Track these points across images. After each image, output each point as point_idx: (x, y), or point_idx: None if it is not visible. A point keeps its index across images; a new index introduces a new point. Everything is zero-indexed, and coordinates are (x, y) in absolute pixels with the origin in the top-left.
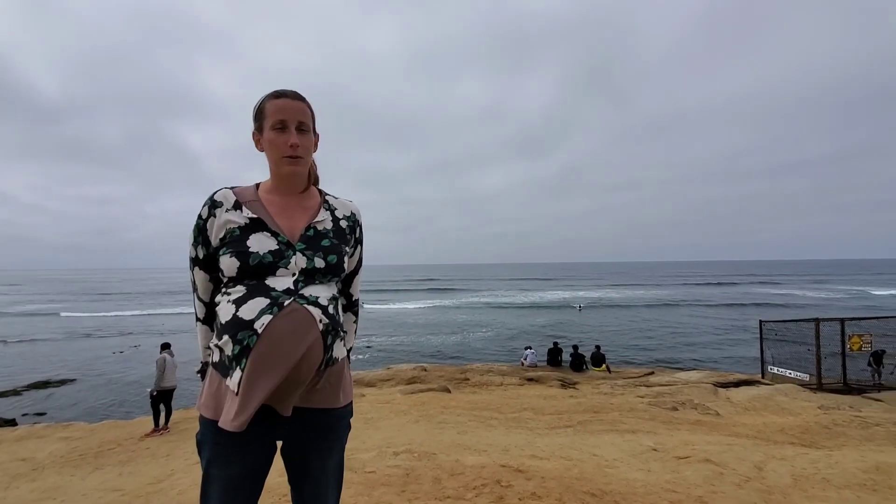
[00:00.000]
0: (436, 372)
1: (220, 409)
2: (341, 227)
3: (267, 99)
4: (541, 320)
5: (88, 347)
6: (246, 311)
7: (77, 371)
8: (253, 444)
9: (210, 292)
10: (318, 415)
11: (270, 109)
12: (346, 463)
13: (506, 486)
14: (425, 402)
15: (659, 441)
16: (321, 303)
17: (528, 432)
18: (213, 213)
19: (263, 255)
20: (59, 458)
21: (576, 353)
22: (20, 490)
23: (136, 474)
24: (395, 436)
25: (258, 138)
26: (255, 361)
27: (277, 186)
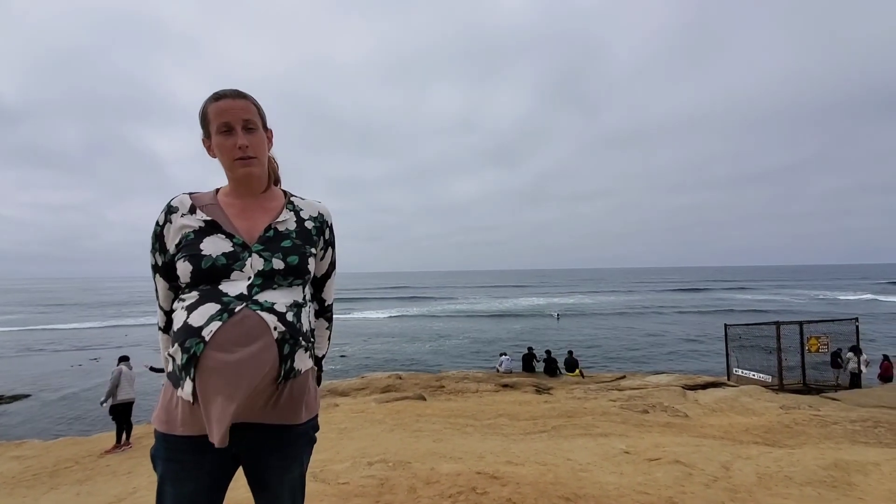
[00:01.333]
0: (411, 380)
1: (172, 421)
2: (306, 227)
3: (208, 102)
4: (516, 327)
5: (44, 361)
6: (196, 318)
7: (31, 386)
8: (207, 459)
9: (170, 300)
10: (277, 431)
11: (213, 113)
12: (319, 475)
13: (481, 493)
14: (400, 411)
15: (631, 444)
16: (277, 309)
17: (504, 438)
18: (169, 219)
19: (216, 257)
20: (10, 478)
21: (549, 357)
22: None
23: (95, 494)
24: (370, 445)
25: (208, 144)
26: (205, 371)
27: (235, 189)
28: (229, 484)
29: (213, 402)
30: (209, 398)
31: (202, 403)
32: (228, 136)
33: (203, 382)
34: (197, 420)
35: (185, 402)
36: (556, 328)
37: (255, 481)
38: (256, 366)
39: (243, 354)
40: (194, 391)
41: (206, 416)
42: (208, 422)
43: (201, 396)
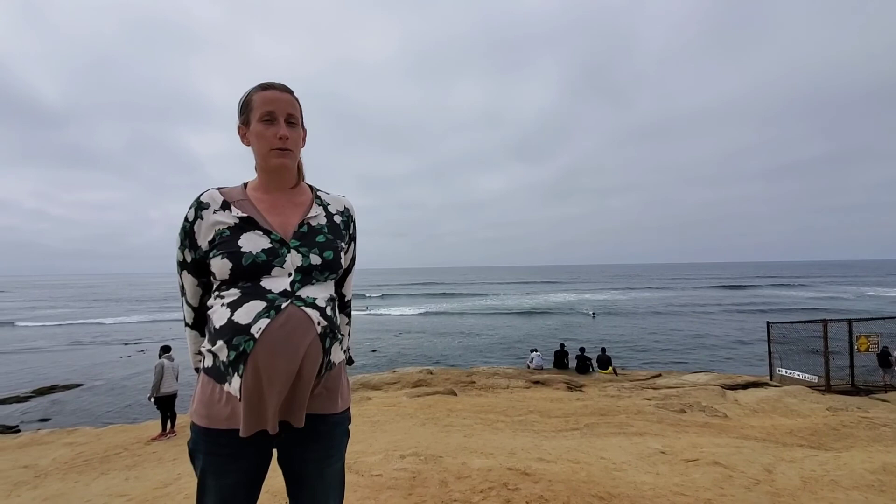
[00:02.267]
0: (441, 375)
1: (215, 416)
2: (335, 222)
3: (254, 91)
4: (548, 323)
5: (94, 353)
6: (242, 315)
7: (83, 376)
8: (247, 453)
9: (199, 297)
10: (315, 421)
11: (258, 101)
12: (353, 466)
13: (513, 489)
14: (431, 406)
15: (667, 444)
16: (319, 304)
17: (535, 435)
18: (199, 216)
19: (257, 254)
20: (63, 464)
21: (582, 355)
22: (21, 498)
23: (143, 479)
24: (402, 439)
25: (244, 132)
26: (255, 367)
27: (265, 183)
28: (266, 475)
29: (266, 396)
30: (260, 393)
31: (252, 398)
32: (270, 126)
33: (254, 378)
34: (239, 414)
35: (231, 396)
36: (588, 325)
37: (292, 476)
38: (305, 360)
39: (293, 349)
40: (241, 387)
41: (251, 412)
42: (259, 416)
43: (252, 391)
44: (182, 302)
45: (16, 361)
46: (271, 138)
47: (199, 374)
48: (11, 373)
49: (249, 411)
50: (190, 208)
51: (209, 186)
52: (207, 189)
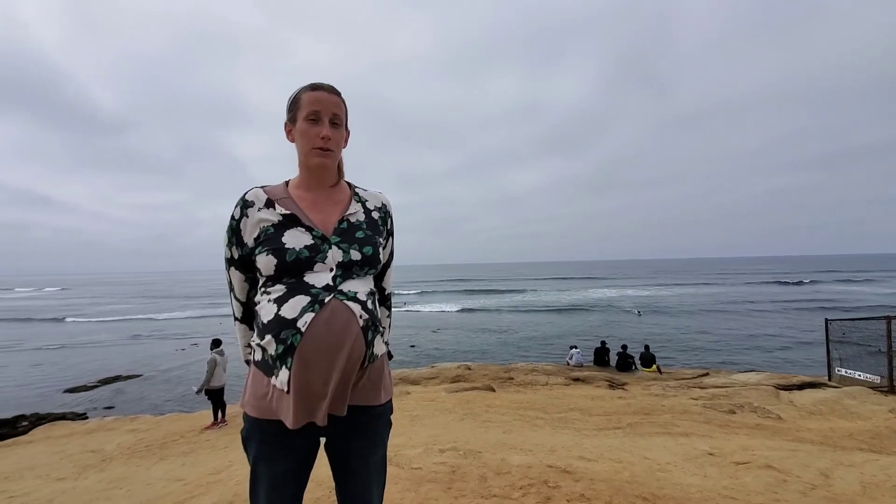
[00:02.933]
0: (480, 371)
1: (264, 407)
2: (373, 218)
3: (303, 90)
4: (588, 319)
5: (152, 346)
6: (288, 310)
7: (143, 367)
8: (296, 442)
9: (246, 292)
10: (359, 412)
11: (306, 101)
12: (393, 459)
13: (553, 486)
14: (470, 401)
15: (715, 445)
16: (360, 298)
17: (576, 433)
18: (245, 214)
19: (300, 250)
20: (126, 449)
21: (623, 353)
22: (89, 480)
23: (198, 465)
24: (441, 433)
25: (290, 129)
26: (303, 360)
27: (306, 181)
28: (314, 463)
29: (313, 388)
30: (309, 385)
31: (300, 390)
32: (314, 125)
33: (302, 370)
34: (290, 405)
35: (278, 389)
36: (630, 322)
37: (339, 464)
38: (349, 352)
39: (337, 342)
40: (290, 379)
41: (301, 403)
42: (308, 407)
43: (300, 383)
44: (230, 297)
45: (83, 354)
46: (314, 137)
47: (249, 366)
48: (79, 364)
49: (298, 403)
50: (236, 207)
51: (253, 185)
52: (252, 188)
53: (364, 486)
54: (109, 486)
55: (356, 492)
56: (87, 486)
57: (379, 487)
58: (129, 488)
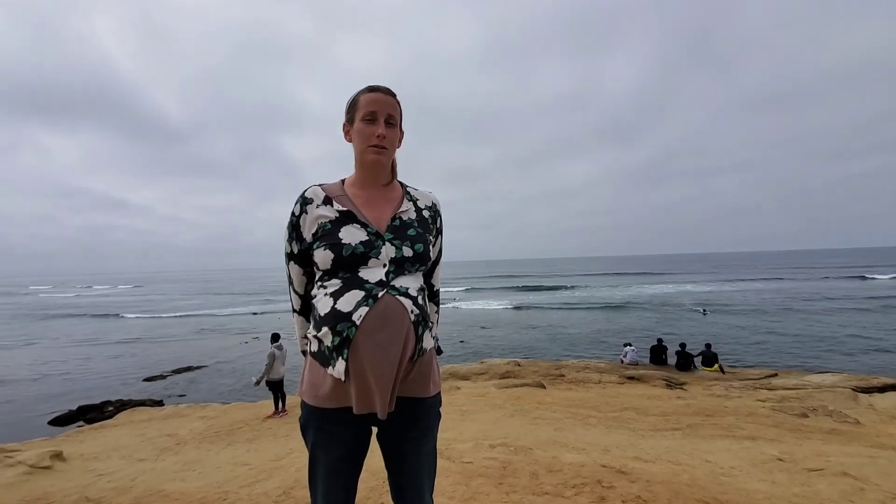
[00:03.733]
0: (530, 367)
1: (321, 396)
2: (424, 216)
3: (362, 92)
4: (645, 316)
5: (218, 340)
6: (343, 304)
7: (211, 359)
8: (350, 430)
9: (304, 285)
10: (411, 404)
11: (363, 102)
12: (444, 452)
13: (607, 486)
14: (520, 397)
15: (785, 450)
16: (411, 293)
17: (631, 433)
18: (304, 210)
19: (355, 245)
20: (197, 434)
21: (683, 351)
22: (166, 462)
23: (261, 451)
24: (491, 429)
25: (348, 129)
26: (358, 351)
27: (362, 179)
28: (367, 451)
29: (368, 379)
30: (364, 376)
31: (355, 380)
32: (370, 125)
33: (357, 362)
34: (344, 395)
35: (334, 379)
36: (689, 319)
37: (391, 454)
38: (400, 346)
39: (389, 336)
40: (346, 370)
41: (360, 392)
42: (366, 397)
43: (355, 374)
44: (289, 290)
45: (157, 346)
46: (370, 136)
47: (306, 356)
48: (155, 355)
49: (357, 393)
50: (296, 203)
51: (311, 183)
52: (310, 185)
53: (415, 474)
54: (184, 467)
55: (408, 480)
56: (165, 467)
57: (430, 477)
58: (201, 470)
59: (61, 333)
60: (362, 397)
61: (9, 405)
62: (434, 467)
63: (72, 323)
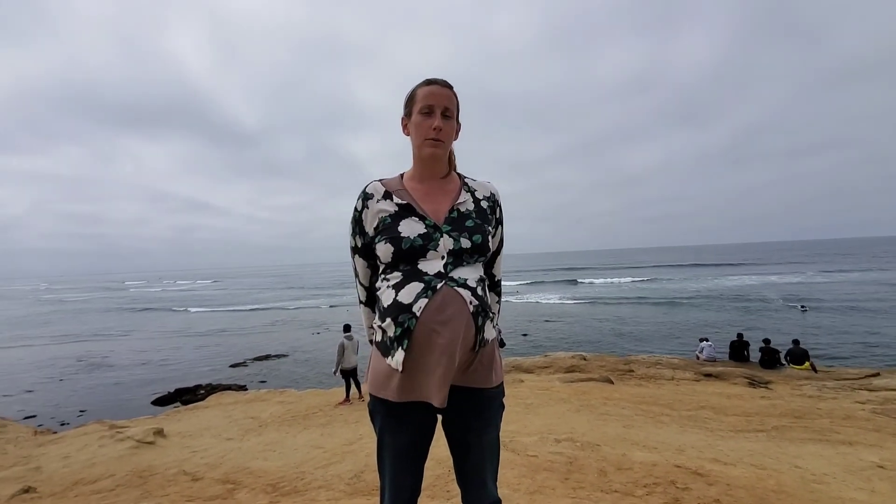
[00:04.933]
0: (596, 362)
1: (384, 385)
2: (482, 207)
3: (419, 86)
4: (723, 310)
5: (293, 331)
6: (404, 296)
7: (288, 348)
8: (414, 417)
9: (369, 277)
10: (474, 393)
11: (420, 95)
12: (508, 445)
13: (682, 488)
14: (586, 392)
15: (887, 457)
16: (470, 284)
17: (708, 433)
18: (366, 205)
19: (414, 238)
20: (277, 417)
21: (767, 347)
22: (250, 442)
23: (334, 436)
24: (556, 423)
25: (406, 123)
26: (417, 342)
27: (420, 172)
28: (433, 438)
29: (428, 369)
30: (423, 366)
31: (415, 370)
32: (427, 118)
33: (417, 352)
34: (405, 384)
35: (393, 368)
36: (775, 312)
37: (455, 442)
38: (459, 336)
39: (448, 326)
40: (405, 360)
41: (420, 382)
42: (425, 386)
43: (415, 365)
44: (356, 282)
45: (240, 336)
46: (427, 129)
47: (372, 346)
48: (239, 344)
49: (412, 382)
50: (358, 199)
51: (371, 179)
52: (371, 181)
53: (478, 463)
54: (266, 448)
55: (471, 468)
56: (249, 447)
57: (493, 467)
58: (280, 451)
59: (154, 324)
60: (419, 387)
61: (118, 387)
62: (497, 457)
63: (160, 315)
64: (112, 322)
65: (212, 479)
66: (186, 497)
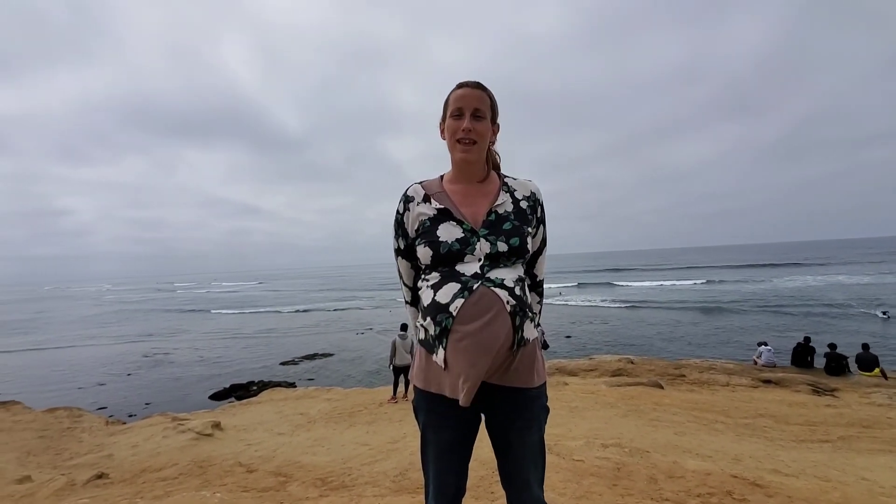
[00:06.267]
0: (644, 365)
1: (428, 380)
2: (522, 207)
3: (452, 90)
4: (782, 313)
5: (337, 331)
6: (442, 296)
7: (334, 348)
8: (457, 414)
9: (413, 278)
10: (515, 393)
11: (452, 98)
12: (553, 449)
13: (739, 499)
14: (634, 397)
15: None
16: (507, 284)
17: (768, 443)
18: (407, 208)
19: (451, 243)
20: (324, 414)
21: (833, 353)
22: (300, 437)
23: (378, 433)
24: (603, 428)
25: (442, 128)
26: (454, 341)
27: (457, 175)
28: (476, 436)
29: (461, 368)
30: (457, 365)
31: (451, 369)
32: (457, 120)
33: (452, 351)
34: (447, 381)
35: (438, 365)
36: (849, 318)
37: (498, 442)
38: (496, 335)
39: (484, 326)
40: (445, 358)
41: (454, 380)
42: (457, 385)
43: (451, 362)
44: (400, 283)
45: (288, 336)
46: (456, 131)
47: (417, 344)
48: (288, 344)
49: (451, 380)
50: (399, 202)
51: (411, 182)
52: (412, 184)
53: (520, 464)
54: (314, 443)
55: (514, 469)
56: (299, 442)
57: (537, 469)
58: (328, 447)
59: (207, 325)
60: (455, 384)
61: (178, 382)
62: (542, 460)
63: (211, 316)
64: (168, 322)
65: (265, 472)
66: (242, 487)
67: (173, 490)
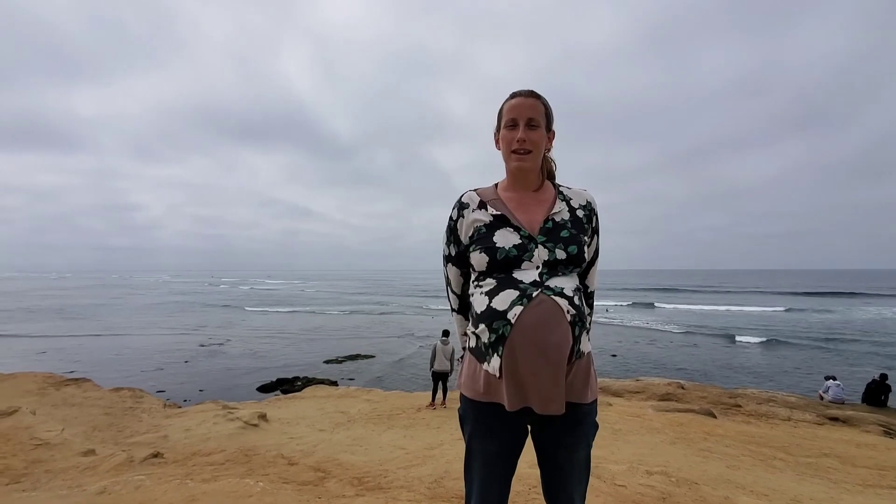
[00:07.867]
0: (696, 391)
1: (478, 389)
2: (578, 216)
3: (506, 100)
4: (852, 345)
5: (381, 335)
6: (498, 303)
7: (376, 350)
8: (505, 426)
9: (461, 286)
10: (568, 408)
11: (506, 108)
12: (594, 471)
13: None
14: (683, 424)
15: None
16: (567, 294)
17: (831, 485)
18: (461, 215)
19: (509, 249)
20: (364, 414)
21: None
22: (339, 435)
23: (416, 438)
24: (648, 454)
25: (497, 138)
26: (512, 349)
27: (512, 183)
28: (522, 449)
29: (523, 377)
30: (518, 373)
31: (511, 377)
32: (511, 130)
33: (513, 359)
34: (498, 391)
35: (489, 374)
36: None
37: (545, 457)
38: (557, 345)
39: (545, 335)
40: (501, 366)
41: (513, 389)
42: (519, 394)
43: (511, 371)
44: (447, 290)
45: (332, 336)
46: (510, 141)
47: (465, 352)
48: (333, 344)
49: (510, 388)
50: (453, 208)
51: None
52: (467, 191)
53: (567, 480)
54: (353, 442)
55: (559, 485)
56: (339, 440)
57: (582, 487)
58: (366, 447)
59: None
60: (514, 394)
61: (229, 372)
62: (587, 478)
63: (268, 313)
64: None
65: (305, 466)
66: (283, 479)
67: (220, 475)
